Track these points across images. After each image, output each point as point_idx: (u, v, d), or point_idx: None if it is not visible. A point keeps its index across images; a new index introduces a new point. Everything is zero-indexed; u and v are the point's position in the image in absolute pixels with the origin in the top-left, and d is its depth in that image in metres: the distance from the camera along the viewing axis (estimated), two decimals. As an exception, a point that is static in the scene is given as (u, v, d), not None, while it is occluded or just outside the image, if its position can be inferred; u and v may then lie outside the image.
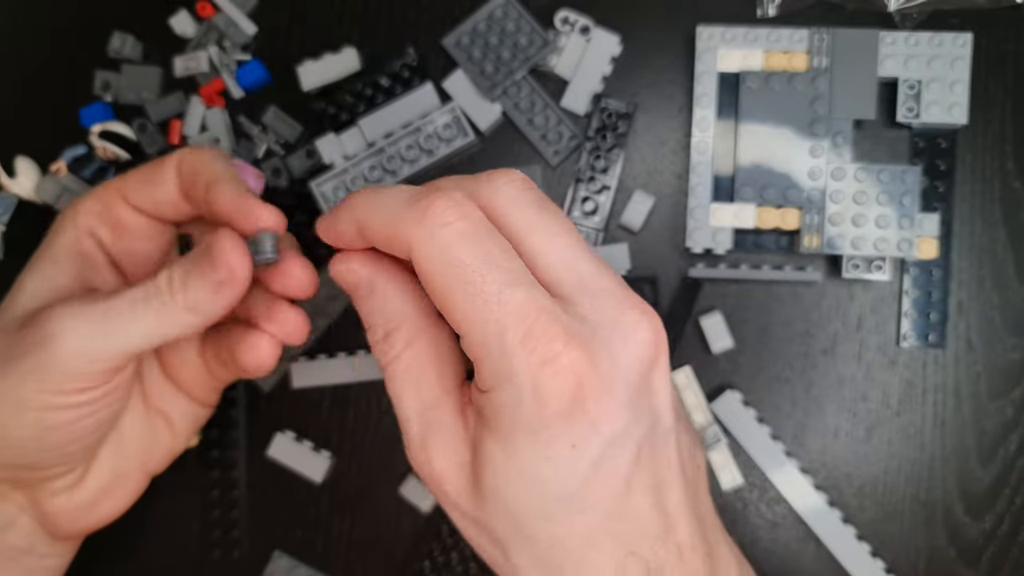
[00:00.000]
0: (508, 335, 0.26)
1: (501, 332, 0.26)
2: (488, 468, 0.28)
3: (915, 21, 0.44)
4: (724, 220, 0.43)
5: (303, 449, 0.46)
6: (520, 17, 0.45)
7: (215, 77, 0.47)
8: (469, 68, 0.45)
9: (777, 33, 0.43)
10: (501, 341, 0.26)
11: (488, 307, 0.26)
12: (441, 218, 0.27)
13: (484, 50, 0.45)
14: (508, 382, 0.26)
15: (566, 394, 0.27)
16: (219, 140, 0.46)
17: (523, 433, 0.27)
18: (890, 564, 0.44)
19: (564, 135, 0.45)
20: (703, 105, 0.43)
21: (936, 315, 0.44)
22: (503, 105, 0.45)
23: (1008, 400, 0.44)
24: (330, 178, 0.46)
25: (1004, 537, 0.43)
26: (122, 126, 0.47)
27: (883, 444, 0.44)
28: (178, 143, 0.47)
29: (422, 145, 0.45)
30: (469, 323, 0.27)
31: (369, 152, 0.45)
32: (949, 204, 0.44)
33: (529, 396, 0.26)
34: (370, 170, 0.45)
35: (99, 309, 0.31)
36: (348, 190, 0.45)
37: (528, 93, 0.45)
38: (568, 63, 0.45)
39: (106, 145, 0.47)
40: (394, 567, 0.46)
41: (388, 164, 0.45)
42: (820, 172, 0.42)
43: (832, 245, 0.42)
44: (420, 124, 0.45)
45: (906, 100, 0.43)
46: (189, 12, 0.47)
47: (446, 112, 0.45)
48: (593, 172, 0.45)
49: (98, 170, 0.47)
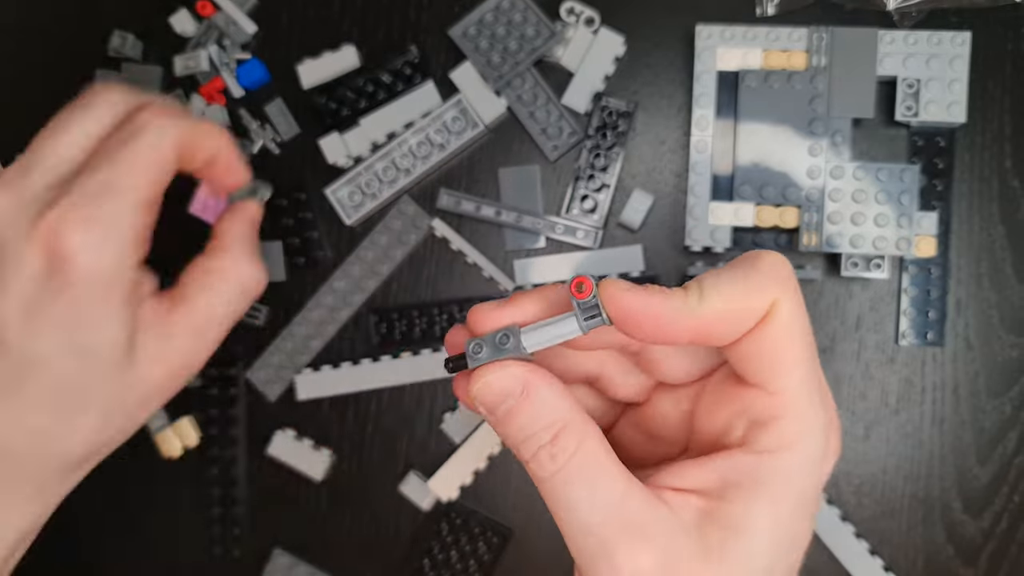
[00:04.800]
0: (817, 395, 0.27)
1: (815, 387, 0.27)
2: (743, 538, 0.26)
3: (914, 20, 0.44)
4: (723, 218, 0.43)
5: (303, 447, 0.46)
6: (527, 8, 0.45)
7: (215, 76, 0.47)
8: (476, 58, 0.45)
9: (776, 32, 0.43)
10: (811, 395, 0.27)
11: (808, 362, 0.27)
12: (789, 268, 0.27)
13: (491, 41, 0.45)
14: (810, 437, 0.27)
15: (836, 453, 0.28)
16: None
17: (798, 495, 0.27)
18: (888, 562, 0.44)
19: (564, 131, 0.45)
20: (702, 104, 0.43)
21: (935, 313, 0.44)
22: (507, 97, 0.46)
23: (1006, 398, 0.44)
24: (344, 183, 0.46)
25: (1002, 535, 0.44)
26: None
27: (881, 442, 0.44)
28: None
29: (432, 140, 0.45)
30: (795, 375, 0.27)
31: (380, 154, 0.46)
32: (947, 202, 0.44)
33: (822, 452, 0.27)
34: (384, 171, 0.46)
35: None
36: (363, 194, 0.46)
37: (532, 86, 0.45)
38: (574, 55, 0.45)
39: None
40: (394, 565, 0.46)
41: (401, 162, 0.46)
42: (819, 171, 0.42)
43: (831, 243, 0.42)
44: (429, 119, 0.45)
45: (905, 99, 0.43)
46: (189, 11, 0.47)
47: (453, 105, 0.45)
48: (593, 170, 0.45)
49: None
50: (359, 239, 0.46)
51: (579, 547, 0.26)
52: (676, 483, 0.27)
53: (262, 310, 0.47)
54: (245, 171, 0.39)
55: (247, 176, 0.39)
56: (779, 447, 0.27)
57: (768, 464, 0.27)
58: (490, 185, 0.46)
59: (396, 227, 0.46)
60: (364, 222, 0.47)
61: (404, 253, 0.46)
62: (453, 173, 0.47)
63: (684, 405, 0.30)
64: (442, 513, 0.46)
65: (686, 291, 0.26)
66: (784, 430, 0.27)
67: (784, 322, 0.26)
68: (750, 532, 0.26)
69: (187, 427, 0.46)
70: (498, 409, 0.27)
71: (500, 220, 0.46)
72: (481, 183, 0.46)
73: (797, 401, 0.27)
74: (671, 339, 0.26)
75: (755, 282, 0.26)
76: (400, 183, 0.46)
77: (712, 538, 0.26)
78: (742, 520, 0.26)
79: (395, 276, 0.47)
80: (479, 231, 0.46)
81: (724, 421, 0.28)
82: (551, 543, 0.45)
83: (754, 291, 0.26)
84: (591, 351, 0.30)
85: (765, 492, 0.26)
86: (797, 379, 0.27)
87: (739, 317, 0.26)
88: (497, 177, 0.46)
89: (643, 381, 0.31)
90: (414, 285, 0.47)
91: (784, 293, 0.26)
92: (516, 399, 0.27)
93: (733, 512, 0.26)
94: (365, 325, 0.46)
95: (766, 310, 0.26)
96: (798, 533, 0.27)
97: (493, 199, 0.46)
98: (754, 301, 0.26)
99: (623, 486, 0.26)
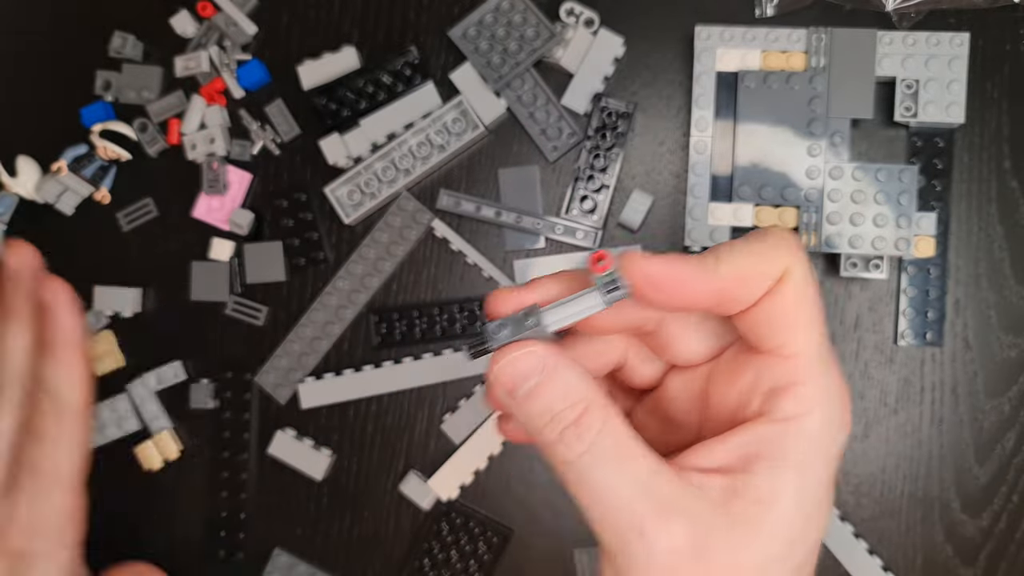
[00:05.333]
0: (831, 362, 0.27)
1: (828, 353, 0.27)
2: (773, 510, 0.26)
3: (912, 21, 0.44)
4: (722, 219, 0.43)
5: (303, 447, 0.46)
6: (527, 9, 0.45)
7: (215, 77, 0.47)
8: (476, 59, 0.45)
9: (775, 33, 0.43)
10: (826, 360, 0.27)
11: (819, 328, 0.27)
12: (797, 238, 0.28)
13: (491, 42, 0.45)
14: (828, 402, 0.27)
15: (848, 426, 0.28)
16: (214, 140, 0.47)
17: (823, 461, 0.27)
18: (887, 561, 0.44)
19: (564, 131, 0.46)
20: (701, 105, 0.44)
21: (933, 313, 0.44)
22: (506, 98, 0.46)
23: (1005, 398, 0.44)
24: (343, 182, 0.46)
25: (1001, 534, 0.44)
26: (123, 125, 0.47)
27: (881, 442, 0.44)
28: (177, 142, 0.47)
29: (433, 140, 0.45)
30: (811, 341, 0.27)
31: (380, 153, 0.46)
32: (946, 203, 0.44)
33: (840, 418, 0.27)
34: (383, 171, 0.46)
35: None
36: (363, 192, 0.46)
37: (531, 87, 0.45)
38: (573, 56, 0.45)
39: (107, 144, 0.47)
40: (394, 564, 0.46)
41: (400, 163, 0.46)
42: (818, 171, 0.42)
43: (830, 244, 0.42)
44: (429, 120, 0.45)
45: (903, 99, 0.43)
46: (190, 12, 0.47)
47: (454, 107, 0.45)
48: (592, 171, 0.45)
49: (99, 169, 0.47)
50: (359, 239, 0.47)
51: (609, 526, 0.26)
52: (699, 463, 0.27)
53: (262, 310, 0.47)
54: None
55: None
56: (799, 413, 0.27)
57: (790, 431, 0.27)
58: (490, 185, 0.46)
59: (396, 224, 0.46)
60: (363, 222, 0.47)
61: (406, 250, 0.46)
62: (453, 173, 0.47)
63: (698, 384, 0.30)
64: (442, 513, 0.46)
65: (703, 258, 0.26)
66: (803, 395, 0.27)
67: (798, 284, 0.27)
68: (778, 502, 0.26)
69: (167, 440, 0.47)
70: (519, 390, 0.26)
71: (500, 221, 0.46)
72: (481, 183, 0.47)
73: (813, 364, 0.27)
74: (692, 302, 0.26)
75: (768, 248, 0.27)
76: (400, 183, 0.46)
77: (741, 512, 0.26)
78: (769, 491, 0.26)
79: (395, 276, 0.47)
80: (479, 232, 0.46)
81: (740, 395, 0.28)
82: (551, 542, 0.45)
83: (768, 256, 0.27)
84: (610, 335, 0.30)
85: (789, 461, 0.26)
86: (812, 342, 0.27)
87: (756, 279, 0.27)
88: (497, 177, 0.46)
89: (658, 366, 0.31)
90: (414, 285, 0.47)
91: (795, 260, 0.27)
92: (539, 378, 0.26)
93: (760, 484, 0.26)
94: (366, 326, 0.47)
95: (780, 275, 0.27)
96: (822, 501, 0.27)
97: (493, 200, 0.46)
98: (768, 265, 0.27)
99: (652, 463, 0.26)
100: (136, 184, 0.48)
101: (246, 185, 0.47)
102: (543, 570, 0.46)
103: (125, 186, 0.48)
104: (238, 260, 0.47)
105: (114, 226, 0.48)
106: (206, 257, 0.47)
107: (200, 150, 0.47)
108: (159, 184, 0.48)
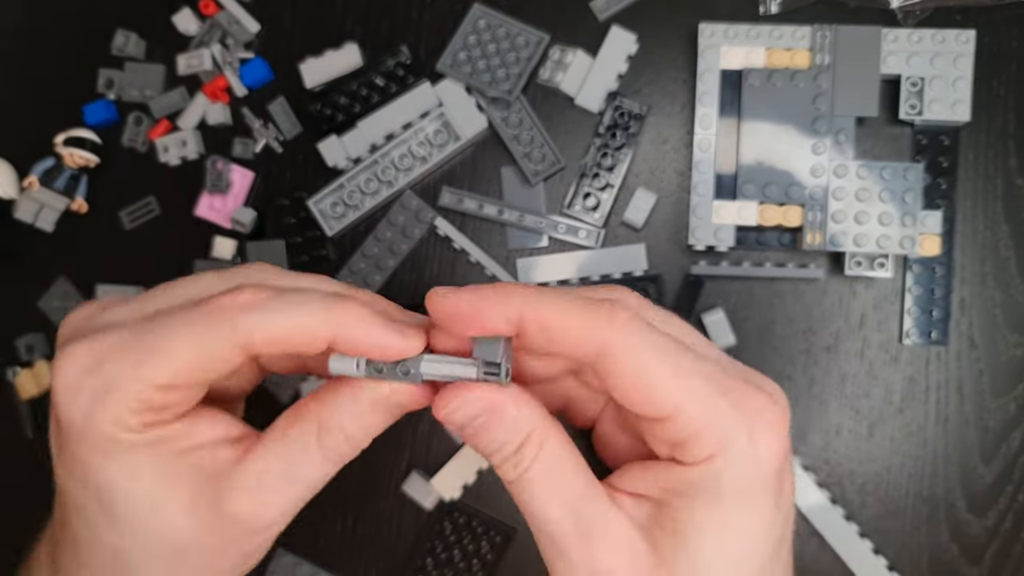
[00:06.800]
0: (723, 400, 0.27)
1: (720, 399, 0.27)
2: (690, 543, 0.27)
3: (918, 18, 0.44)
4: (726, 217, 0.43)
5: (306, 446, 0.46)
6: (504, 22, 0.45)
7: (218, 75, 0.47)
8: (475, 81, 0.45)
9: (780, 30, 0.43)
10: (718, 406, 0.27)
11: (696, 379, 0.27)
12: (629, 313, 0.27)
13: (486, 61, 0.45)
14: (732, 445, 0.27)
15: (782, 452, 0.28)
16: (186, 143, 0.47)
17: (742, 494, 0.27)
18: (892, 561, 0.44)
19: (547, 158, 0.45)
20: (705, 103, 0.43)
21: (939, 312, 0.44)
22: (493, 119, 0.46)
23: (1011, 397, 0.44)
24: (327, 195, 0.46)
25: (1007, 534, 0.43)
26: (85, 131, 0.47)
27: (885, 441, 0.44)
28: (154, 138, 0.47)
29: (415, 153, 0.46)
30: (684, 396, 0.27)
31: (362, 166, 0.46)
32: (952, 201, 0.44)
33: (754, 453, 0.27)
34: (366, 183, 0.46)
35: None
36: (347, 205, 0.46)
37: (518, 111, 0.45)
38: (573, 80, 0.45)
39: (72, 151, 0.46)
40: (396, 564, 0.46)
41: (383, 175, 0.46)
42: (822, 169, 0.42)
43: (835, 242, 0.42)
44: (411, 131, 0.46)
45: (909, 97, 0.43)
46: (192, 10, 0.47)
47: (435, 118, 0.45)
48: (599, 168, 0.45)
49: (70, 179, 0.47)
50: (361, 238, 0.46)
51: (541, 545, 0.29)
52: (629, 487, 0.29)
53: (265, 309, 0.47)
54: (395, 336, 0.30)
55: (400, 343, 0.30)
56: (704, 457, 0.27)
57: (699, 473, 0.27)
58: (493, 183, 0.46)
59: (400, 222, 0.46)
60: (366, 220, 0.47)
61: (409, 247, 0.46)
62: (456, 171, 0.47)
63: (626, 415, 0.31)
64: (445, 512, 0.46)
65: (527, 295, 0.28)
66: (703, 443, 0.27)
67: (630, 352, 0.27)
68: (696, 538, 0.27)
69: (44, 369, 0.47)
70: (467, 428, 0.29)
71: (502, 219, 0.46)
72: (484, 181, 0.46)
73: (701, 415, 0.27)
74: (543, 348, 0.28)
75: (585, 321, 0.27)
76: (383, 195, 0.46)
77: (661, 543, 0.27)
78: (687, 526, 0.27)
79: (398, 275, 0.47)
80: (482, 230, 0.46)
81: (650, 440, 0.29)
82: (554, 542, 0.45)
83: (587, 326, 0.27)
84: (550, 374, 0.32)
85: (704, 498, 0.27)
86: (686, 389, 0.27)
87: (577, 347, 0.28)
88: (500, 175, 0.46)
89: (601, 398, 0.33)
90: (416, 284, 0.47)
91: (615, 333, 0.27)
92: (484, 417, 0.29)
93: (678, 518, 0.27)
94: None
95: (599, 349, 0.27)
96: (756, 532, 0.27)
97: (496, 198, 0.46)
98: (587, 334, 0.27)
99: (581, 487, 0.28)
100: (138, 183, 0.48)
101: (248, 183, 0.47)
102: (545, 570, 0.46)
103: (126, 185, 0.48)
104: (240, 258, 0.47)
105: (117, 225, 0.48)
106: (208, 256, 0.47)
107: (172, 153, 0.47)
108: (161, 183, 0.48)
